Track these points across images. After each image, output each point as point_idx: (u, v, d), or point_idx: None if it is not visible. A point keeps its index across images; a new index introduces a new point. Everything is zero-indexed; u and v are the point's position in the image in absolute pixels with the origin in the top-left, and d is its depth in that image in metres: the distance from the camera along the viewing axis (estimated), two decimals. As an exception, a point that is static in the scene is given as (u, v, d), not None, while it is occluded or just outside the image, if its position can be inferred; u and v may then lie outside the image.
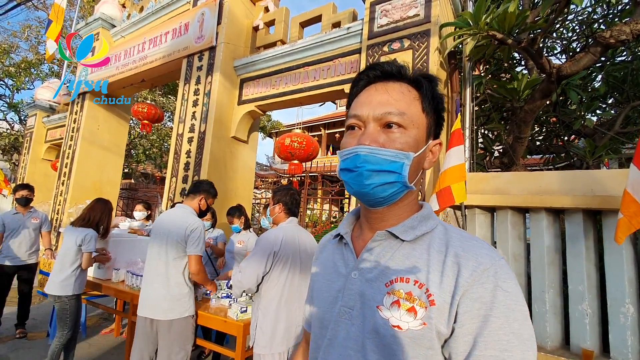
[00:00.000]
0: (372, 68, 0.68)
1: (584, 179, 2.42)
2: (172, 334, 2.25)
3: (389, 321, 0.58)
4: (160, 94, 11.95)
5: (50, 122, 8.30)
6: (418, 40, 2.97)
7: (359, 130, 0.65)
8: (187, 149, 4.45)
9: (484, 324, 0.53)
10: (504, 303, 0.53)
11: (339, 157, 0.67)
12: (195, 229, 2.31)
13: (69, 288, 2.81)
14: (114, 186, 6.79)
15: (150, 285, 2.29)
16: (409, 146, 0.62)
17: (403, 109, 0.63)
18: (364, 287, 0.63)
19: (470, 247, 0.59)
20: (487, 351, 0.52)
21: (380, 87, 0.66)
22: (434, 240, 0.63)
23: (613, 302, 2.22)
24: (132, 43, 5.68)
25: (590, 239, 2.37)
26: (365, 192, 0.62)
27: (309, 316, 0.81)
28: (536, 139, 4.48)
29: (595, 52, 2.66)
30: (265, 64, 4.30)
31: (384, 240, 0.66)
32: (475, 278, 0.55)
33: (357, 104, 0.67)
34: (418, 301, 0.57)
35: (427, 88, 0.66)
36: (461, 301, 0.55)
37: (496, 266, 0.56)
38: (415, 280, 0.59)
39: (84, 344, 3.66)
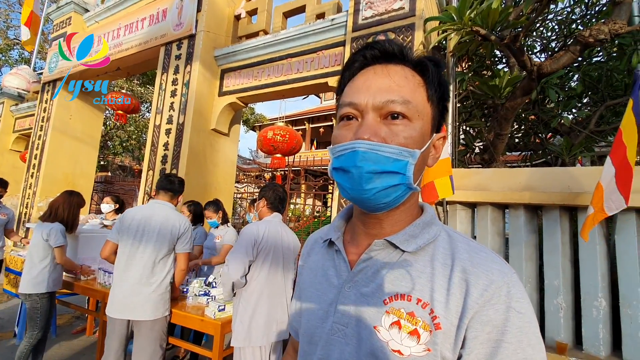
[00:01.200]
0: (369, 47, 0.57)
1: (561, 176, 2.46)
2: (153, 334, 2.21)
3: (389, 344, 0.52)
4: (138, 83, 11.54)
5: (19, 111, 7.86)
6: (403, 34, 2.94)
7: (356, 121, 0.55)
8: (164, 141, 4.29)
9: (495, 349, 0.47)
10: (517, 326, 0.48)
11: (330, 153, 0.56)
12: (187, 228, 2.34)
13: (41, 285, 2.68)
14: (87, 179, 6.51)
15: (134, 286, 2.17)
16: (414, 141, 0.53)
17: (407, 97, 0.53)
18: (360, 303, 0.56)
19: (479, 262, 0.52)
20: None
21: (381, 70, 0.55)
22: (438, 250, 0.56)
23: (586, 296, 2.28)
24: (106, 29, 5.42)
25: (566, 234, 2.42)
26: (365, 197, 0.53)
27: (296, 324, 0.73)
28: (515, 136, 4.56)
29: (575, 50, 2.70)
30: (247, 54, 4.18)
31: (382, 250, 0.58)
32: (487, 299, 0.49)
33: (352, 90, 0.56)
34: (422, 323, 0.50)
35: (434, 73, 0.57)
36: (470, 325, 0.49)
37: (509, 284, 0.50)
38: (419, 298, 0.52)
39: (54, 345, 3.50)
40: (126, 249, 2.21)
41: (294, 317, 0.74)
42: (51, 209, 2.79)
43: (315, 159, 9.97)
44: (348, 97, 0.56)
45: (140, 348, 2.19)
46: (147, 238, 2.21)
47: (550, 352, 2.25)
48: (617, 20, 2.45)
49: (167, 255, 2.27)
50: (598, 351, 2.19)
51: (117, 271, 2.23)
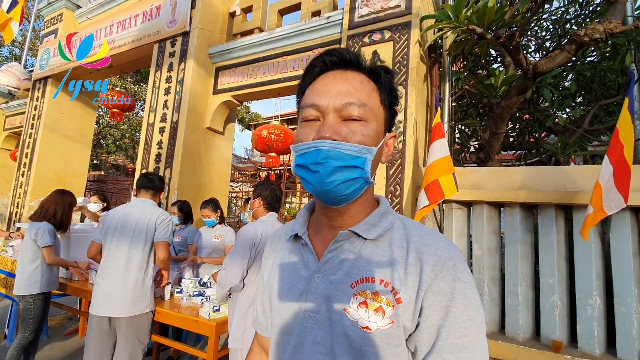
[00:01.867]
0: (329, 54, 0.63)
1: (557, 175, 2.47)
2: (134, 330, 2.22)
3: (358, 323, 0.58)
4: (131, 81, 11.42)
5: (9, 108, 7.73)
6: (399, 32, 2.92)
7: (317, 122, 0.60)
8: (158, 140, 4.24)
9: (446, 314, 0.55)
10: (462, 293, 0.56)
11: (293, 151, 0.62)
12: (165, 218, 2.35)
13: (34, 286, 2.64)
14: (80, 178, 6.42)
15: (112, 283, 2.20)
16: (370, 139, 0.59)
17: (364, 100, 0.59)
18: (329, 290, 0.61)
19: (429, 242, 0.60)
20: (449, 339, 0.54)
21: (339, 75, 0.61)
22: (395, 236, 0.63)
23: (581, 295, 2.29)
24: (98, 25, 5.34)
25: (562, 233, 2.43)
26: (327, 189, 0.58)
27: (263, 320, 0.78)
28: (510, 135, 4.58)
29: (570, 49, 2.70)
30: (242, 52, 4.14)
31: (346, 240, 0.63)
32: (437, 272, 0.56)
33: (314, 93, 0.61)
34: (385, 300, 0.57)
35: (385, 80, 0.64)
36: (425, 296, 0.56)
37: (454, 259, 0.58)
38: (381, 279, 0.58)
39: (46, 346, 3.45)
40: (107, 247, 2.26)
41: (261, 312, 0.78)
42: (41, 208, 2.74)
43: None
44: (310, 99, 0.61)
45: (120, 344, 2.22)
46: (125, 235, 2.24)
47: (545, 350, 2.26)
48: (612, 19, 2.46)
49: (146, 251, 2.29)
50: (593, 349, 2.20)
51: (99, 269, 2.27)
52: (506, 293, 2.50)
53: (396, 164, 2.82)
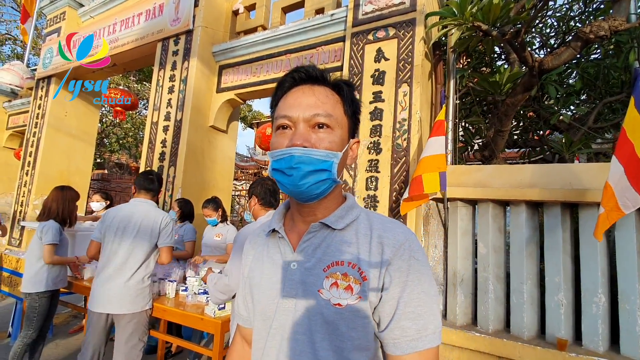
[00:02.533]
0: (297, 71, 0.72)
1: (562, 172, 2.46)
2: (134, 327, 2.27)
3: (330, 301, 0.66)
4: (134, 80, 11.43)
5: (12, 107, 7.74)
6: (403, 29, 2.91)
7: (289, 130, 0.68)
8: (162, 138, 4.24)
9: (404, 287, 0.65)
10: (416, 268, 0.66)
11: (269, 157, 0.70)
12: (168, 223, 2.39)
13: (40, 284, 2.66)
14: (83, 176, 6.44)
15: (113, 281, 2.24)
16: (336, 145, 0.68)
17: (329, 111, 0.68)
18: (304, 276, 0.69)
19: (389, 228, 0.70)
20: (406, 308, 0.64)
21: (307, 90, 0.70)
22: (360, 225, 0.72)
23: (586, 293, 2.28)
24: (101, 24, 5.33)
25: (567, 231, 2.42)
26: (300, 190, 0.67)
27: (245, 312, 0.84)
28: (513, 132, 4.56)
29: (576, 46, 2.69)
30: (246, 50, 4.13)
31: (317, 231, 0.72)
32: (395, 252, 0.66)
33: (286, 105, 0.70)
34: (353, 279, 0.66)
35: (347, 92, 0.73)
36: (386, 273, 0.65)
37: (410, 241, 0.68)
38: (349, 262, 0.67)
39: (50, 344, 3.47)
40: (108, 246, 2.28)
41: (242, 305, 0.84)
42: (44, 208, 2.75)
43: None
44: (283, 111, 0.70)
45: (120, 341, 2.26)
46: (128, 235, 2.27)
47: (550, 348, 2.25)
48: (617, 17, 2.44)
49: (148, 251, 2.33)
50: (597, 346, 2.20)
51: (99, 267, 2.30)
52: (511, 291, 2.49)
53: (400, 162, 2.82)
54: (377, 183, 2.87)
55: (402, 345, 0.63)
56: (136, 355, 2.28)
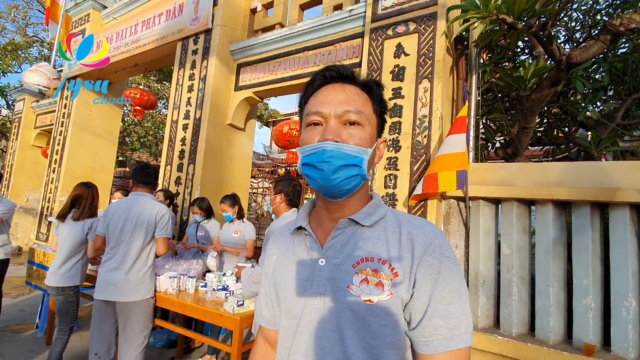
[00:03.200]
0: (328, 69, 0.73)
1: (592, 170, 2.36)
2: (135, 315, 2.36)
3: (361, 297, 0.65)
4: (154, 79, 11.68)
5: (40, 107, 8.06)
6: (424, 24, 2.85)
7: (320, 127, 0.69)
8: (182, 136, 4.31)
9: (435, 285, 0.64)
10: (447, 266, 0.65)
11: (299, 153, 0.71)
12: (164, 214, 2.46)
13: (76, 278, 2.80)
14: (107, 174, 6.63)
15: (114, 271, 2.35)
16: (366, 141, 0.69)
17: (360, 108, 0.69)
18: (333, 272, 0.69)
19: (418, 225, 0.70)
20: (438, 306, 0.63)
21: (338, 87, 0.70)
22: (388, 223, 0.72)
23: (616, 297, 2.18)
24: (124, 25, 5.47)
25: (597, 232, 2.32)
26: (331, 185, 0.67)
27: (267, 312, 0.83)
28: (537, 130, 4.41)
29: (605, 40, 2.57)
30: (263, 48, 4.14)
31: (346, 227, 0.72)
32: (426, 249, 0.66)
33: (317, 102, 0.70)
34: (384, 275, 0.65)
35: (377, 92, 0.73)
36: (417, 270, 0.65)
37: (439, 238, 0.68)
38: (379, 258, 0.67)
39: (75, 336, 3.58)
40: (111, 240, 2.39)
41: (265, 306, 0.84)
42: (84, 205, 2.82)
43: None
44: (314, 107, 0.70)
45: (122, 328, 2.35)
46: (127, 228, 2.37)
47: (577, 353, 2.17)
48: (651, 7, 2.31)
49: (145, 243, 2.42)
50: (627, 353, 2.10)
51: (104, 259, 2.42)
52: (536, 294, 2.41)
53: (420, 159, 2.76)
54: (396, 181, 2.83)
55: (434, 343, 0.63)
56: (139, 342, 2.37)
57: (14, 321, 3.86)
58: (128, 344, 2.33)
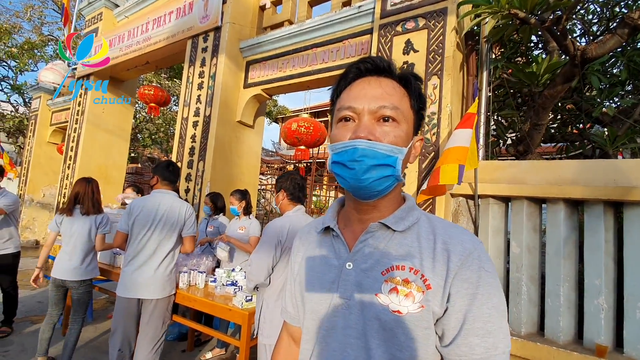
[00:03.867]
0: (364, 61, 0.68)
1: (606, 168, 2.30)
2: (160, 311, 2.41)
3: (389, 307, 0.62)
4: (165, 77, 11.81)
5: (55, 104, 8.25)
6: (434, 20, 2.81)
7: (353, 123, 0.65)
8: (192, 133, 4.37)
9: (472, 301, 0.59)
10: (487, 281, 0.60)
11: (329, 150, 0.67)
12: (191, 214, 2.52)
13: (94, 271, 2.90)
14: (119, 170, 6.77)
15: (143, 269, 2.37)
16: (401, 140, 0.64)
17: (396, 104, 0.64)
18: (360, 277, 0.65)
19: (454, 234, 0.65)
20: (475, 324, 0.59)
21: (373, 81, 0.66)
22: (422, 229, 0.67)
23: (630, 297, 2.14)
24: (135, 23, 5.54)
25: (610, 231, 2.27)
26: (362, 185, 0.63)
27: (292, 309, 0.82)
28: (550, 126, 4.32)
29: (623, 34, 2.49)
30: (272, 45, 4.15)
31: (376, 231, 0.68)
32: (463, 261, 0.61)
33: (350, 97, 0.67)
34: (415, 286, 0.61)
35: (415, 86, 0.68)
36: (453, 283, 0.60)
37: (479, 250, 0.63)
38: (411, 267, 0.63)
39: (90, 328, 3.69)
40: (137, 236, 2.39)
41: (290, 302, 0.83)
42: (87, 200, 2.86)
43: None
44: (347, 102, 0.66)
45: (145, 324, 2.39)
46: (155, 227, 2.39)
47: (588, 354, 2.13)
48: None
49: (174, 241, 2.45)
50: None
51: (129, 257, 2.42)
52: (546, 293, 2.37)
53: (429, 157, 2.74)
54: (405, 179, 2.82)
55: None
56: (159, 335, 2.43)
57: (32, 312, 3.99)
58: (147, 339, 2.37)
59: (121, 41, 5.69)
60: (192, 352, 3.36)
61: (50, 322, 2.84)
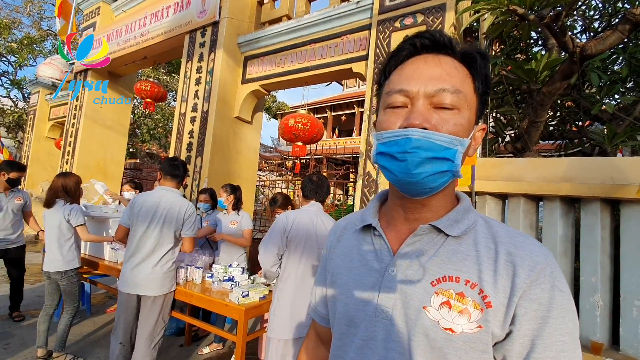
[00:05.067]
0: (420, 36, 0.58)
1: (603, 166, 2.29)
2: (159, 308, 2.41)
3: (439, 323, 0.54)
4: (163, 72, 11.77)
5: (54, 99, 8.22)
6: (432, 15, 2.79)
7: (404, 109, 0.56)
8: (189, 129, 4.35)
9: (543, 325, 0.51)
10: (561, 303, 0.52)
11: (375, 139, 0.58)
12: (192, 214, 2.46)
13: (74, 262, 2.91)
14: (118, 165, 6.76)
15: (142, 265, 2.37)
16: (463, 129, 0.55)
17: (458, 87, 0.55)
18: (406, 286, 0.58)
19: (521, 245, 0.56)
20: (546, 352, 0.51)
21: (431, 60, 0.56)
22: (479, 235, 0.58)
23: (627, 295, 2.14)
24: (133, 18, 5.50)
25: (607, 229, 2.27)
26: (413, 181, 0.54)
27: (322, 309, 0.75)
28: (549, 124, 4.31)
29: (624, 30, 2.47)
30: (270, 40, 4.13)
31: (425, 234, 0.59)
32: (533, 279, 0.52)
33: (402, 77, 0.57)
34: (472, 302, 0.53)
35: (481, 66, 0.58)
36: (519, 303, 0.52)
37: (551, 265, 0.54)
38: (467, 279, 0.55)
39: (88, 322, 3.70)
40: (136, 232, 2.38)
41: (321, 302, 0.75)
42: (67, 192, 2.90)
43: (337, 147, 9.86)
44: (398, 84, 0.57)
45: (144, 320, 2.40)
46: (155, 222, 2.37)
47: (584, 351, 2.14)
48: (675, -5, 2.21)
49: (173, 239, 2.43)
50: (636, 352, 2.06)
51: (129, 252, 2.42)
52: (542, 290, 2.38)
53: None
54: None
55: None
56: (158, 331, 2.44)
57: (32, 306, 4.00)
58: (146, 335, 2.38)
59: (119, 36, 5.66)
60: (189, 347, 3.37)
61: (46, 314, 2.89)
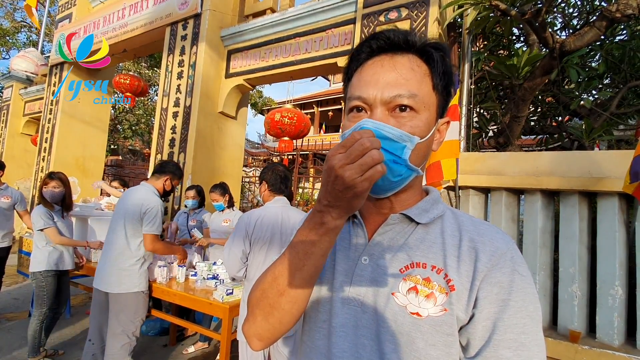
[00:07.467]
0: (375, 37, 0.59)
1: (581, 160, 2.36)
2: (119, 307, 2.31)
3: (407, 308, 0.56)
4: (145, 66, 11.46)
5: (28, 94, 7.90)
6: (417, 10, 2.79)
7: (365, 113, 0.57)
8: (172, 124, 4.25)
9: (504, 308, 0.53)
10: (521, 287, 0.54)
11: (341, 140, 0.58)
12: (150, 209, 2.31)
13: (41, 264, 2.79)
14: (98, 162, 6.56)
15: (104, 261, 2.34)
16: (419, 130, 0.56)
17: (414, 90, 0.56)
18: (376, 274, 0.59)
19: (484, 232, 0.58)
20: (507, 334, 0.52)
21: (387, 63, 0.57)
22: (446, 224, 0.61)
23: (603, 285, 2.21)
24: (111, 9, 5.32)
25: (585, 221, 2.33)
26: None
27: None
28: (530, 119, 4.40)
29: (601, 26, 2.53)
30: (254, 34, 4.06)
31: (397, 224, 0.62)
32: (494, 263, 0.54)
33: (361, 83, 0.58)
34: (437, 287, 0.55)
35: (439, 62, 0.59)
36: (481, 286, 0.54)
37: (512, 251, 0.56)
38: (433, 265, 0.57)
39: (68, 325, 3.60)
40: (109, 227, 2.39)
41: None
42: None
43: (324, 142, 9.85)
44: (357, 90, 0.58)
45: (111, 317, 2.33)
46: (121, 217, 2.33)
47: (562, 340, 2.21)
48: (649, -7, 2.27)
49: (129, 235, 2.33)
50: (612, 340, 2.14)
51: (104, 245, 2.43)
52: (523, 281, 2.43)
53: (411, 148, 2.75)
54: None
55: None
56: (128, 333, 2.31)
57: (8, 309, 3.86)
58: (114, 334, 2.30)
59: (96, 27, 5.46)
60: (174, 346, 3.32)
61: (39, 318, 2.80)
